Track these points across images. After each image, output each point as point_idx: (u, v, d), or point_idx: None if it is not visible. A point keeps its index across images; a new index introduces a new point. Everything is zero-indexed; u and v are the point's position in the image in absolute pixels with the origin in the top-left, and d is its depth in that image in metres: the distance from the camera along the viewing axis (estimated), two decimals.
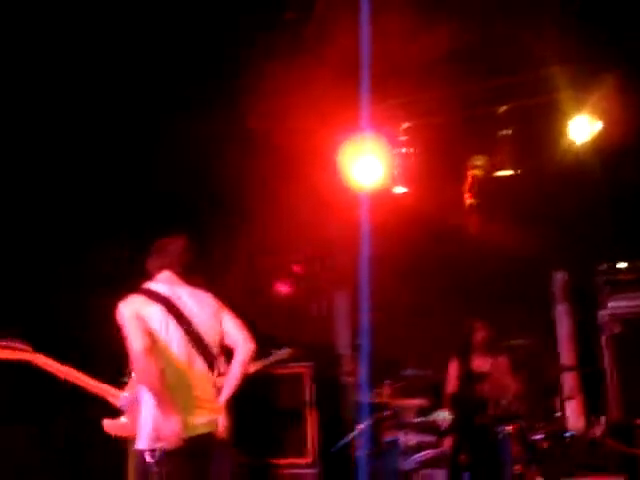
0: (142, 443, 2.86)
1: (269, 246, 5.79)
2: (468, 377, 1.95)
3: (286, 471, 5.54)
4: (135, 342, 2.82)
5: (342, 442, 4.49)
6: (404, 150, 4.98)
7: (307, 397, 5.55)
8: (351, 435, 4.49)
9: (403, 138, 5.07)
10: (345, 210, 5.21)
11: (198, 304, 3.03)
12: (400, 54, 4.68)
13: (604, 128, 4.88)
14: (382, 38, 4.53)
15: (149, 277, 3.08)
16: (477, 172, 2.22)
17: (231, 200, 5.53)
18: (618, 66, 4.69)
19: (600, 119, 4.81)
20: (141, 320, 2.87)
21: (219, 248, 5.72)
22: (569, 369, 5.60)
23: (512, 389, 4.70)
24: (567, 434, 4.37)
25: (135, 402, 3.13)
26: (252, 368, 3.45)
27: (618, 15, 4.42)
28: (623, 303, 5.42)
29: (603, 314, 5.41)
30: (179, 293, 3.02)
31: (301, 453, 5.52)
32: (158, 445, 2.79)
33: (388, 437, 4.36)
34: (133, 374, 3.23)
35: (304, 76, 4.62)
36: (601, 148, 4.99)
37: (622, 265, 5.48)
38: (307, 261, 5.83)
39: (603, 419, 5.13)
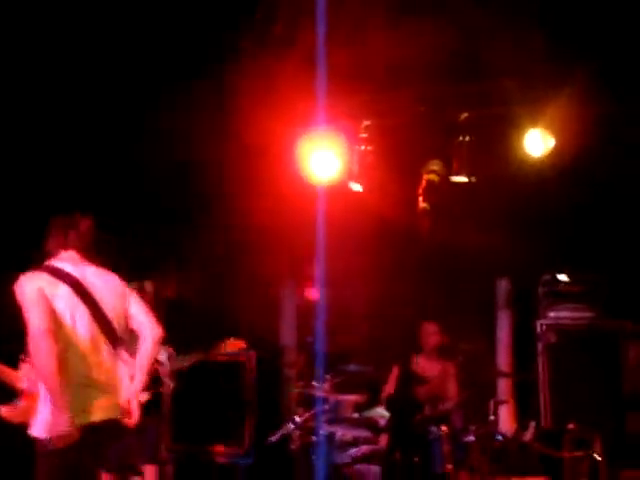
0: (36, 430, 2.74)
1: (224, 236, 5.75)
2: (407, 379, 1.97)
3: (220, 459, 5.53)
4: (35, 321, 2.70)
5: (277, 434, 4.49)
6: (363, 147, 5.00)
7: (247, 386, 5.55)
8: (287, 427, 4.50)
9: (363, 135, 5.08)
10: (300, 203, 5.20)
11: (105, 285, 2.94)
12: (367, 53, 4.71)
13: (557, 143, 5.00)
14: (349, 36, 4.56)
15: (50, 256, 2.96)
16: (432, 177, 2.24)
17: (192, 192, 5.46)
18: (573, 83, 4.81)
19: (553, 135, 4.92)
20: (45, 299, 2.75)
21: (180, 237, 5.67)
22: (504, 375, 5.76)
23: (453, 396, 4.81)
24: (498, 437, 4.49)
25: (34, 385, 3.00)
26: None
27: (577, 32, 4.53)
28: (562, 314, 5.62)
29: (541, 323, 5.59)
30: (85, 273, 2.92)
31: (237, 442, 5.52)
32: (49, 436, 2.67)
33: (324, 431, 4.38)
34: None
35: (268, 71, 4.60)
36: (553, 162, 5.11)
37: (564, 277, 5.67)
38: (258, 251, 5.80)
39: (533, 424, 5.30)
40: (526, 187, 5.35)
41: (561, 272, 5.68)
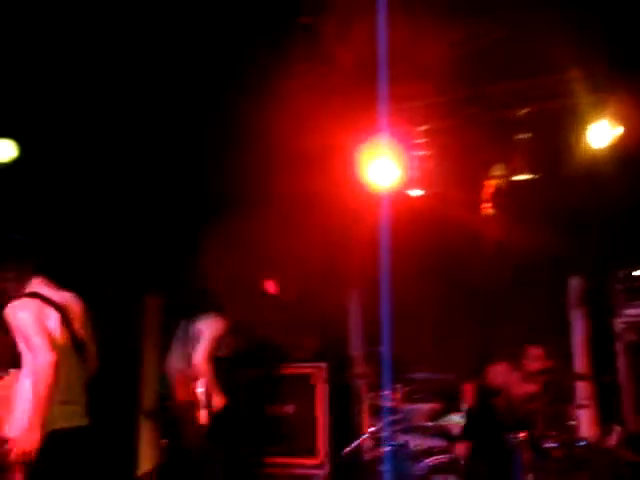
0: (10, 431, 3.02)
1: (286, 245, 5.80)
2: (485, 394, 1.92)
3: (295, 471, 5.55)
4: (46, 353, 2.94)
5: (352, 445, 4.47)
6: (421, 153, 4.95)
7: (319, 398, 5.55)
8: (361, 438, 4.47)
9: (421, 141, 5.04)
10: (362, 211, 5.19)
11: (75, 307, 3.25)
12: (419, 56, 4.66)
13: (624, 133, 4.81)
14: (401, 40, 4.52)
15: (21, 283, 3.17)
16: (498, 181, 2.19)
17: (252, 200, 5.54)
18: (636, 71, 4.62)
19: (620, 124, 4.73)
20: (43, 325, 3.00)
21: (238, 248, 5.76)
22: (584, 377, 5.54)
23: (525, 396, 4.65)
24: (581, 443, 4.32)
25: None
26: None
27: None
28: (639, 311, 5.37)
29: (619, 322, 5.36)
30: (63, 297, 3.21)
31: (311, 454, 5.53)
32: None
33: (398, 441, 4.33)
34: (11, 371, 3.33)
35: (322, 79, 4.62)
36: (621, 153, 4.92)
37: (639, 272, 5.42)
38: (322, 261, 5.82)
39: (618, 428, 5.07)
40: (592, 180, 5.17)
41: (635, 267, 5.44)
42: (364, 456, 4.54)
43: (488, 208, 2.17)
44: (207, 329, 4.76)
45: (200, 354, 4.61)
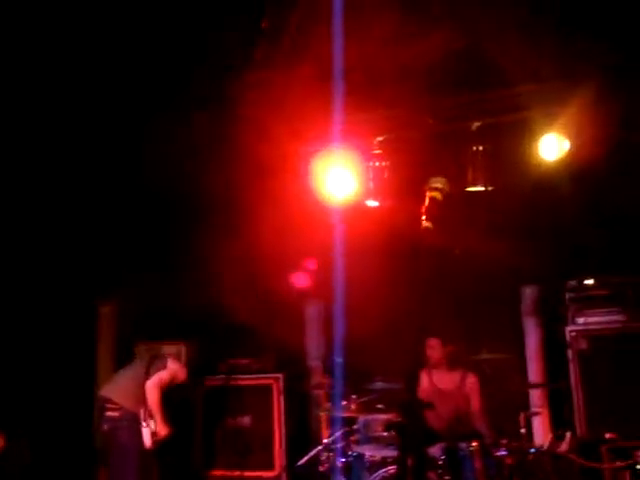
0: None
1: (239, 258, 5.77)
2: (411, 405, 1.92)
3: None
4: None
5: (306, 456, 4.45)
6: (377, 164, 4.99)
7: (276, 409, 5.52)
8: (316, 449, 4.45)
9: (377, 151, 5.07)
10: (317, 222, 5.20)
11: None
12: (376, 67, 4.70)
13: (574, 146, 4.93)
14: (358, 51, 4.55)
15: None
16: (435, 194, 2.21)
17: (205, 209, 5.50)
18: (589, 84, 4.75)
19: (569, 138, 4.86)
20: None
21: (188, 258, 5.71)
22: (536, 385, 5.64)
23: (477, 410, 4.72)
24: (531, 450, 4.38)
25: None
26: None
27: (590, 32, 4.47)
28: (591, 319, 5.50)
29: (571, 330, 5.48)
30: None
31: (268, 466, 5.49)
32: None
33: (353, 452, 4.33)
34: None
35: (279, 86, 4.61)
36: (572, 166, 5.05)
37: (591, 281, 5.55)
38: (279, 272, 5.80)
39: (569, 434, 5.17)
40: (544, 192, 5.29)
41: (587, 276, 5.57)
42: (319, 467, 4.52)
43: (425, 221, 2.18)
44: (170, 358, 4.81)
45: (154, 380, 4.59)
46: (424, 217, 2.21)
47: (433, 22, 4.49)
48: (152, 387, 4.56)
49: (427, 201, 2.25)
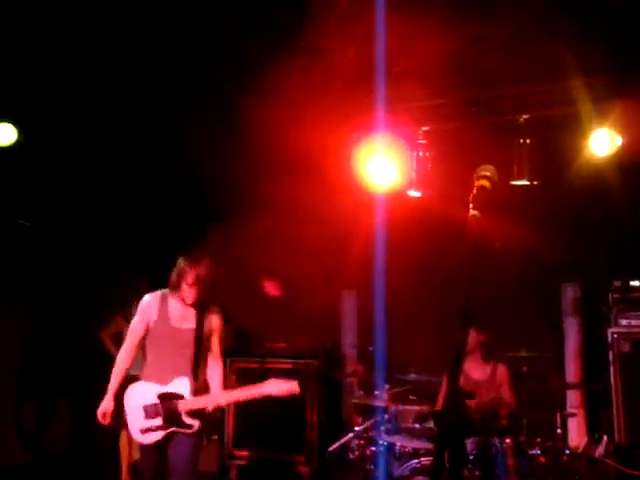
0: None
1: (282, 243, 5.80)
2: (454, 393, 1.88)
3: (283, 466, 5.56)
4: None
5: (337, 443, 4.47)
6: (421, 154, 4.93)
7: (309, 394, 5.56)
8: (348, 436, 4.47)
9: (422, 141, 5.02)
10: (359, 210, 5.18)
11: None
12: (424, 56, 4.64)
13: (625, 143, 4.79)
14: (405, 39, 4.50)
15: None
16: (484, 182, 2.16)
17: (249, 197, 5.55)
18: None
19: (621, 134, 4.72)
20: None
21: (234, 245, 5.77)
22: (574, 386, 5.53)
23: (507, 401, 4.66)
24: (566, 451, 4.31)
25: None
26: (242, 395, 3.74)
27: None
28: (635, 322, 5.36)
29: (613, 331, 5.35)
30: None
31: (299, 450, 5.53)
32: None
33: (385, 441, 4.33)
34: None
35: (322, 76, 4.60)
36: (621, 163, 4.90)
37: (636, 283, 5.41)
38: (318, 261, 5.82)
39: (605, 438, 5.06)
40: (592, 189, 5.16)
41: (634, 277, 5.43)
42: (349, 455, 4.54)
43: (472, 209, 2.14)
44: None
45: None
46: (472, 205, 2.17)
47: (482, 12, 4.41)
48: None
49: (475, 189, 2.21)
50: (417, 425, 4.55)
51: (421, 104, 4.97)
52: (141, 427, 3.62)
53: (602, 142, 4.79)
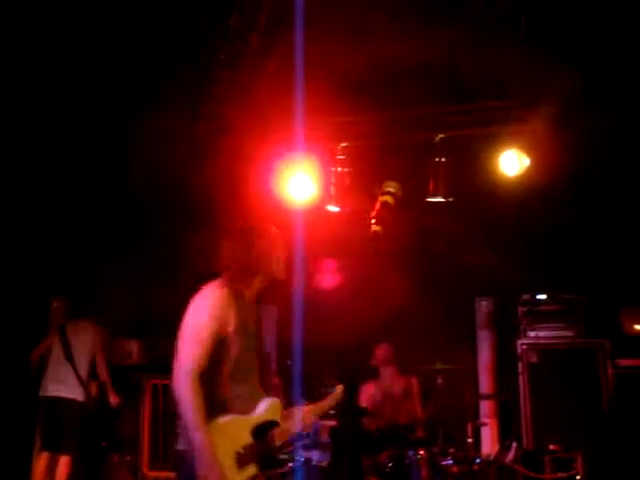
0: None
1: (200, 256, 5.71)
2: (351, 410, 1.90)
3: None
4: None
5: None
6: (340, 169, 5.00)
7: None
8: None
9: (340, 157, 5.09)
10: (278, 226, 5.17)
11: None
12: (343, 74, 4.73)
13: (534, 164, 5.03)
14: (324, 55, 4.57)
15: None
16: (387, 198, 2.21)
17: (167, 208, 5.44)
18: (550, 105, 4.85)
19: (529, 155, 4.96)
20: None
21: (152, 254, 5.64)
22: (486, 397, 5.73)
23: (418, 414, 4.79)
24: (477, 460, 4.45)
25: None
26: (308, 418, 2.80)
27: (554, 55, 4.57)
28: (542, 333, 5.62)
29: (522, 343, 5.59)
30: None
31: None
32: None
33: (302, 456, 4.32)
34: None
35: (245, 86, 4.60)
36: (530, 183, 5.15)
37: (543, 296, 5.68)
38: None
39: (515, 445, 5.26)
40: (504, 207, 5.38)
41: (540, 292, 5.70)
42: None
43: (374, 225, 2.19)
44: None
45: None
46: (374, 221, 2.21)
47: (402, 33, 4.54)
48: None
49: (378, 204, 2.26)
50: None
51: (340, 120, 5.05)
52: None
53: (511, 162, 5.02)
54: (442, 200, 4.99)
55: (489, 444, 5.74)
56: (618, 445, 5.15)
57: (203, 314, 2.46)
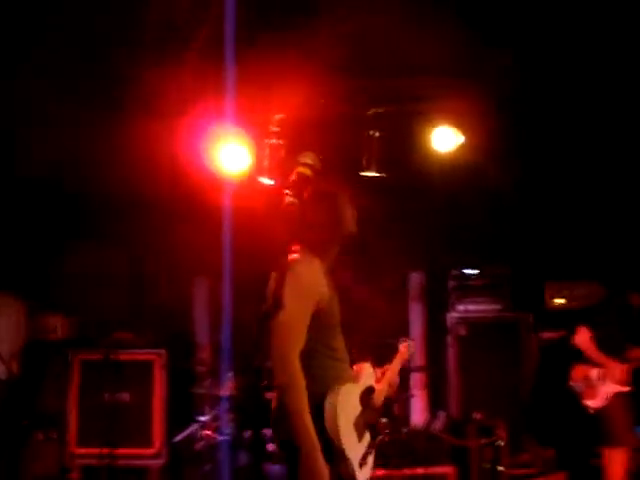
0: None
1: (130, 229, 5.56)
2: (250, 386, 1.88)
3: (130, 462, 5.36)
4: None
5: (183, 433, 4.37)
6: (274, 141, 4.92)
7: (157, 385, 5.40)
8: (193, 427, 4.39)
9: (275, 129, 5.01)
10: (208, 196, 5.08)
11: None
12: (279, 46, 4.64)
13: (466, 140, 5.10)
14: (260, 29, 4.47)
15: None
16: (304, 170, 2.17)
17: (93, 181, 5.25)
18: (484, 82, 4.91)
19: (462, 131, 5.02)
20: None
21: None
22: (417, 369, 5.86)
23: None
24: (404, 429, 4.56)
25: None
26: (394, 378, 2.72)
27: (489, 34, 4.61)
28: (470, 307, 5.78)
29: (451, 316, 5.74)
30: None
31: (147, 444, 5.36)
32: None
33: (232, 430, 4.31)
34: None
35: (174, 59, 4.46)
36: (461, 159, 5.22)
37: (471, 271, 5.83)
38: (169, 247, 5.65)
39: (443, 414, 5.42)
40: (436, 183, 5.45)
41: (469, 266, 5.84)
42: (195, 445, 4.47)
43: (289, 196, 2.15)
44: None
45: None
46: (289, 192, 2.17)
47: (335, 6, 4.48)
48: None
49: (295, 176, 2.22)
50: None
51: (275, 92, 4.96)
52: (359, 459, 2.28)
53: (444, 139, 5.07)
54: (375, 175, 5.01)
55: (419, 415, 5.89)
56: (539, 413, 5.39)
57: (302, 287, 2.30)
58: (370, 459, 2.32)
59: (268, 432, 2.36)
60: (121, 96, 4.56)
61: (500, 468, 4.87)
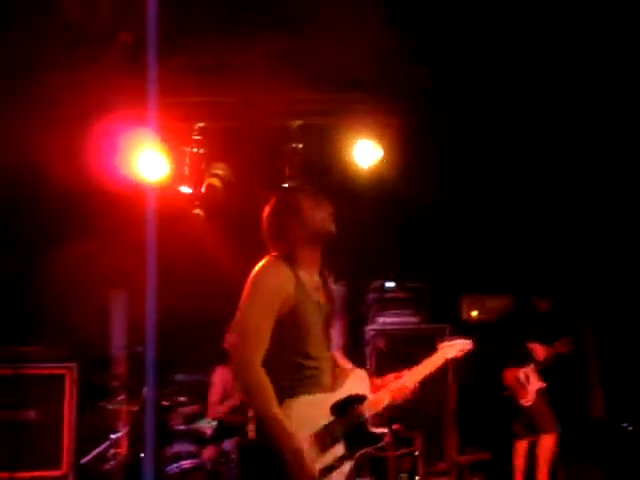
0: None
1: (44, 240, 5.32)
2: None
3: None
4: None
5: (92, 453, 4.18)
6: (195, 150, 4.85)
7: (67, 401, 5.14)
8: (103, 445, 4.20)
9: (196, 137, 4.94)
10: (128, 205, 4.93)
11: None
12: (203, 54, 4.60)
13: (386, 155, 5.22)
14: (184, 37, 4.42)
15: None
16: (214, 181, 2.15)
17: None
18: (406, 99, 5.05)
19: (383, 147, 5.13)
20: None
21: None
22: None
23: None
24: None
25: None
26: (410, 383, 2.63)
27: (410, 54, 4.75)
28: (389, 319, 5.88)
29: (370, 329, 5.82)
30: None
31: (54, 464, 5.08)
32: None
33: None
34: None
35: (92, 64, 4.34)
36: (382, 173, 5.33)
37: (390, 284, 5.94)
38: (84, 258, 5.42)
39: None
40: (357, 196, 5.53)
41: (389, 279, 5.95)
42: (104, 465, 4.28)
43: (197, 208, 2.12)
44: None
45: None
46: (198, 203, 2.14)
47: (262, 20, 4.50)
48: None
49: (204, 187, 2.18)
50: (183, 427, 4.45)
51: (198, 101, 4.90)
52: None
53: (365, 153, 5.17)
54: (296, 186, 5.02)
55: None
56: (454, 423, 5.53)
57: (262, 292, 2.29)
58: (338, 473, 2.24)
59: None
60: (32, 98, 4.36)
61: (417, 478, 4.96)
